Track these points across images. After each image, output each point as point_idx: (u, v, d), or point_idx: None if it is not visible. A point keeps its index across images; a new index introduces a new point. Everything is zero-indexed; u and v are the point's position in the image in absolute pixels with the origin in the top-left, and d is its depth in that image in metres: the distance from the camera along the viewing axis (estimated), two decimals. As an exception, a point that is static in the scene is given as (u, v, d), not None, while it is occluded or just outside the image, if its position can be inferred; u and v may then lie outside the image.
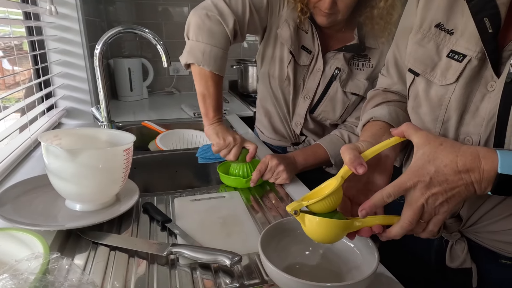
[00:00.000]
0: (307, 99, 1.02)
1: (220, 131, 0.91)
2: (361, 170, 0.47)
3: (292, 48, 0.96)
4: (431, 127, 0.57)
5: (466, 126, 0.53)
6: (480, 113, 0.51)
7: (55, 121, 1.30)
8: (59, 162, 0.64)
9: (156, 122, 1.39)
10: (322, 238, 0.50)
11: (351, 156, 0.48)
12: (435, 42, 0.56)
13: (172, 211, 0.75)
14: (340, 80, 0.97)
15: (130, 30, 1.06)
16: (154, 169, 1.11)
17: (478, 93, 0.51)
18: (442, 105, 0.55)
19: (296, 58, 0.98)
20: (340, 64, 0.96)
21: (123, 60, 1.87)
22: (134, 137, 0.73)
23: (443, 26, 0.55)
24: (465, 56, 0.52)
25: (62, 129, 1.31)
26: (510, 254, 0.56)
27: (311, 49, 0.98)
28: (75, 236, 0.64)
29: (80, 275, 0.46)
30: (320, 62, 0.98)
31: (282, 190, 0.87)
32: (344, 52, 0.95)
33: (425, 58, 0.56)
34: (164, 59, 1.05)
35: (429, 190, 0.43)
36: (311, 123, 1.06)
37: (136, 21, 1.97)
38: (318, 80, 0.99)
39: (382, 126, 0.61)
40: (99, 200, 0.71)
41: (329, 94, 1.00)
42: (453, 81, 0.53)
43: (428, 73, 0.56)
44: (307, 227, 0.50)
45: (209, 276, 0.55)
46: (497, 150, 0.42)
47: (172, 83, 2.13)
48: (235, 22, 0.89)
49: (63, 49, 1.34)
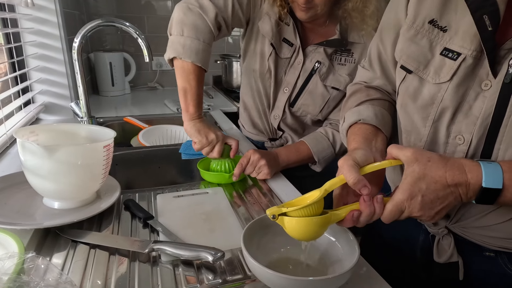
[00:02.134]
0: (286, 92, 1.02)
1: (202, 128, 0.89)
2: (365, 192, 0.47)
3: (273, 40, 0.96)
4: (420, 125, 0.57)
5: (458, 124, 0.53)
6: (474, 112, 0.51)
7: (32, 116, 1.26)
8: (36, 159, 0.62)
9: (138, 118, 1.37)
10: (303, 236, 0.51)
11: (354, 178, 0.47)
12: (428, 39, 0.55)
13: (154, 207, 0.74)
14: (320, 74, 0.97)
15: (110, 23, 1.03)
16: (136, 165, 1.09)
17: (472, 91, 0.51)
18: (434, 104, 0.54)
19: (277, 50, 0.98)
20: (320, 58, 0.96)
21: (104, 54, 1.82)
22: (115, 133, 0.72)
23: (437, 23, 0.54)
24: (459, 55, 0.51)
25: (39, 124, 1.27)
26: (494, 247, 0.57)
27: (293, 41, 0.98)
28: (54, 234, 0.63)
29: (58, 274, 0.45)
30: (301, 56, 0.98)
31: (265, 185, 0.87)
32: (325, 47, 0.95)
33: (418, 55, 0.56)
34: (146, 53, 1.03)
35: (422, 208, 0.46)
36: (290, 118, 1.06)
37: (117, 14, 1.92)
38: (298, 73, 0.99)
39: (372, 130, 0.61)
40: (78, 197, 0.69)
41: (308, 88, 0.99)
42: (447, 79, 0.52)
43: (421, 71, 0.56)
44: (287, 228, 0.50)
45: (192, 272, 0.55)
46: (481, 163, 0.45)
47: (155, 78, 2.10)
48: (217, 14, 0.89)
49: (40, 42, 1.30)
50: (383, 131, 0.61)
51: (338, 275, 0.47)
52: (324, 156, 0.98)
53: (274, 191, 0.84)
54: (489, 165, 0.45)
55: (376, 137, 0.60)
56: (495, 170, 0.45)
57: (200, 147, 0.90)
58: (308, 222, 0.48)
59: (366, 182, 0.47)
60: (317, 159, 0.98)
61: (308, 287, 0.48)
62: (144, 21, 1.97)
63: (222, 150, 0.90)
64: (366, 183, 0.47)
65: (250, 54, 1.03)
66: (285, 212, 0.49)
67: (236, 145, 0.90)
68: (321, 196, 0.49)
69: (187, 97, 0.90)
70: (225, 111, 1.62)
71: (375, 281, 0.55)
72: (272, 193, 0.83)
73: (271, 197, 0.81)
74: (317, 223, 0.49)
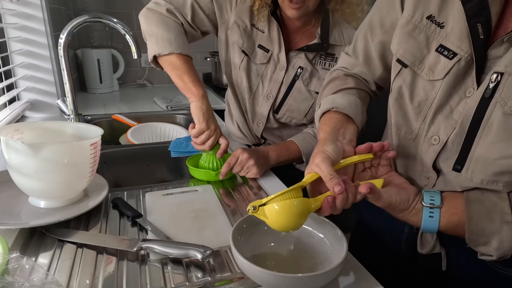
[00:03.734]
0: (270, 98, 1.01)
1: (206, 113, 0.87)
2: (337, 190, 0.48)
3: (244, 46, 0.97)
4: (413, 119, 0.58)
5: (437, 125, 0.54)
6: (453, 116, 0.52)
7: (17, 114, 1.24)
8: (21, 158, 0.61)
9: (127, 115, 1.35)
10: (285, 223, 0.50)
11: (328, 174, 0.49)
12: (425, 34, 0.55)
13: (143, 206, 0.74)
14: (303, 79, 0.97)
15: (97, 19, 1.01)
16: (125, 163, 1.08)
17: (457, 96, 0.52)
18: (427, 100, 0.55)
19: (250, 56, 0.99)
20: (302, 63, 0.96)
21: (91, 50, 1.79)
22: (102, 130, 0.71)
23: (434, 18, 0.54)
24: (455, 55, 0.52)
25: (24, 122, 1.25)
26: None
27: (269, 47, 0.98)
28: (40, 234, 0.62)
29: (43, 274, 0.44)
30: (283, 61, 0.97)
31: (255, 183, 0.87)
32: (305, 52, 0.95)
33: (414, 49, 0.56)
34: (134, 50, 1.02)
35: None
36: (274, 124, 1.05)
37: (105, 10, 1.89)
38: (281, 79, 0.99)
39: (341, 119, 0.62)
40: (65, 196, 0.68)
41: (292, 93, 0.99)
42: (441, 77, 0.53)
43: (416, 66, 0.56)
44: (269, 219, 0.50)
45: (181, 270, 0.55)
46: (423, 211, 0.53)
47: (144, 75, 2.08)
48: (172, 9, 0.92)
49: (26, 38, 1.27)
50: (355, 120, 0.63)
51: (326, 271, 0.47)
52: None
53: (264, 188, 0.84)
54: (430, 213, 0.52)
55: (346, 126, 0.61)
56: (433, 221, 0.52)
57: (197, 132, 0.88)
58: (288, 206, 0.49)
59: (340, 181, 0.49)
60: (305, 158, 0.99)
61: (296, 283, 0.48)
62: (132, 17, 1.95)
63: (214, 145, 0.89)
64: (340, 182, 0.49)
65: (223, 61, 1.04)
66: (265, 202, 0.50)
67: (225, 146, 0.90)
68: (299, 184, 0.50)
69: (184, 80, 0.88)
70: (215, 109, 1.60)
71: (363, 276, 0.56)
72: (261, 190, 0.83)
73: (261, 195, 0.81)
74: (297, 206, 0.49)
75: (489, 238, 0.50)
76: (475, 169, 0.51)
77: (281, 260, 0.58)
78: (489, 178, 0.50)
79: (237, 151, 0.88)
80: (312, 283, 0.49)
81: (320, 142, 0.58)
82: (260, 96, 1.03)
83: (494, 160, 0.48)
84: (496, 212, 0.49)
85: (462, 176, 0.52)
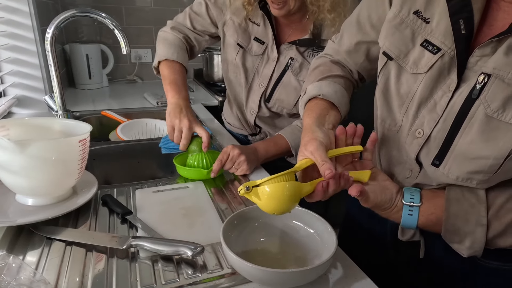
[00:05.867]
0: (261, 87, 1.05)
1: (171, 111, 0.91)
2: (328, 173, 0.49)
3: (239, 40, 1.03)
4: (396, 111, 0.59)
5: (421, 118, 0.56)
6: (436, 110, 0.53)
7: (4, 110, 1.21)
8: (7, 155, 0.60)
9: (117, 112, 1.34)
10: (276, 206, 0.50)
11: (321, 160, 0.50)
12: (411, 29, 0.56)
13: (133, 203, 0.73)
14: (293, 69, 1.00)
15: (85, 14, 1.00)
16: (114, 160, 1.07)
17: (440, 90, 0.53)
18: (409, 93, 0.57)
19: (246, 49, 1.04)
20: (293, 54, 0.99)
21: (80, 45, 1.76)
22: (91, 127, 0.70)
23: (421, 14, 0.55)
24: (439, 50, 0.53)
25: (10, 119, 1.22)
26: None
27: (264, 40, 1.02)
28: (27, 232, 0.61)
29: (31, 273, 0.44)
30: (275, 53, 1.01)
31: (245, 179, 0.87)
32: (297, 45, 0.98)
33: (400, 43, 0.57)
34: (123, 45, 1.01)
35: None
36: (266, 112, 1.08)
37: (94, 5, 1.85)
38: (272, 68, 1.03)
39: (326, 106, 0.64)
40: (53, 193, 0.67)
41: (282, 82, 1.02)
42: (424, 71, 0.54)
43: (401, 59, 0.57)
44: (261, 200, 0.50)
45: (171, 267, 0.55)
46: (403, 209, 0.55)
47: (134, 70, 2.05)
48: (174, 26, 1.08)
49: (11, 33, 1.24)
50: (339, 109, 0.65)
51: (316, 266, 0.48)
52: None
53: (255, 184, 0.84)
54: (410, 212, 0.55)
55: (330, 113, 0.63)
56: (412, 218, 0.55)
57: (169, 131, 0.91)
58: (281, 188, 0.49)
59: (331, 166, 0.50)
60: (294, 152, 0.99)
61: (287, 279, 0.49)
62: (121, 12, 1.92)
63: (188, 143, 0.88)
64: (331, 167, 0.50)
65: (223, 61, 1.12)
66: (259, 184, 0.50)
67: (206, 137, 0.87)
68: (293, 169, 0.51)
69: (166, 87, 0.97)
70: (206, 105, 1.61)
71: (352, 270, 0.56)
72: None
73: (252, 191, 0.81)
74: (289, 189, 0.50)
75: (463, 238, 0.52)
76: (452, 165, 0.52)
77: (271, 255, 0.58)
78: (464, 175, 0.51)
79: (227, 147, 0.88)
80: (302, 278, 0.49)
81: (307, 128, 0.59)
82: (255, 85, 1.07)
83: (471, 159, 0.50)
84: (473, 214, 0.51)
85: (439, 171, 0.54)
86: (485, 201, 0.51)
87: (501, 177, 0.50)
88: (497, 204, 0.51)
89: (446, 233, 0.54)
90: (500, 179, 0.50)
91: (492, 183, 0.51)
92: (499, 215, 0.50)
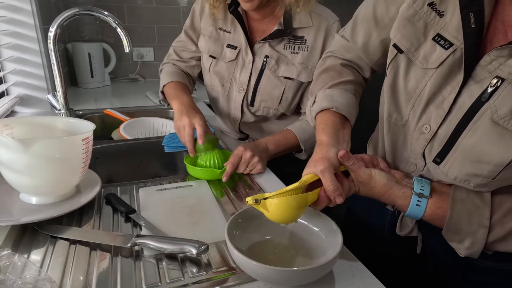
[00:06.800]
0: (241, 91, 1.02)
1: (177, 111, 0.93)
2: (339, 201, 0.52)
3: (211, 51, 1.04)
4: (403, 106, 0.58)
5: (428, 114, 0.55)
6: (443, 106, 0.53)
7: (7, 109, 1.22)
8: (10, 154, 0.59)
9: (119, 110, 1.34)
10: (284, 217, 0.53)
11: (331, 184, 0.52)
12: (424, 21, 0.54)
13: (136, 201, 0.73)
14: (270, 67, 0.97)
15: (87, 12, 0.99)
16: (118, 159, 1.07)
17: (449, 86, 0.52)
18: (417, 88, 0.56)
19: (220, 57, 1.03)
20: (268, 52, 0.97)
21: (82, 44, 1.76)
22: (94, 125, 0.70)
23: (435, 6, 0.54)
24: (452, 45, 0.51)
25: (14, 117, 1.23)
26: None
27: (236, 44, 1.00)
28: (32, 231, 0.61)
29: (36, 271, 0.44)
30: (250, 55, 0.99)
31: (249, 177, 0.87)
32: (269, 41, 0.96)
33: (412, 36, 0.56)
34: (126, 44, 1.00)
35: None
36: (250, 118, 1.06)
37: (96, 3, 1.85)
38: (249, 71, 1.00)
39: (339, 120, 0.63)
40: (57, 192, 0.67)
41: (262, 83, 0.99)
42: (434, 67, 0.53)
43: (411, 53, 0.56)
44: (269, 212, 0.52)
45: (176, 266, 0.54)
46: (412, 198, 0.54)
47: (136, 69, 2.05)
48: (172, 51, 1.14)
49: (14, 32, 1.24)
50: (350, 121, 0.65)
51: (322, 264, 0.47)
52: (311, 144, 1.00)
53: (259, 183, 0.84)
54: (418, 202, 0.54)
55: (344, 128, 0.63)
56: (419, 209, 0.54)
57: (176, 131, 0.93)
58: (288, 201, 0.51)
59: (341, 191, 0.52)
60: (304, 147, 0.99)
61: (292, 277, 0.48)
62: (124, 10, 1.92)
63: (191, 140, 0.87)
64: (342, 193, 0.52)
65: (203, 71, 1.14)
66: (267, 197, 0.52)
67: (200, 131, 0.85)
68: (299, 184, 0.53)
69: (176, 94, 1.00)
70: (209, 103, 1.60)
71: (358, 269, 0.56)
72: (256, 185, 0.83)
73: (256, 190, 0.81)
74: (295, 200, 0.52)
75: (463, 238, 0.52)
76: (452, 165, 0.52)
77: (276, 254, 0.58)
78: (462, 177, 0.51)
79: (238, 149, 0.86)
80: (307, 276, 0.49)
81: (323, 144, 0.59)
82: (234, 92, 1.04)
83: (471, 162, 0.49)
84: (476, 215, 0.51)
85: (439, 169, 0.54)
86: (490, 204, 0.50)
87: (500, 183, 0.49)
88: (504, 209, 0.50)
89: (448, 231, 0.53)
90: (499, 185, 0.50)
91: (491, 188, 0.51)
92: (504, 220, 0.50)
